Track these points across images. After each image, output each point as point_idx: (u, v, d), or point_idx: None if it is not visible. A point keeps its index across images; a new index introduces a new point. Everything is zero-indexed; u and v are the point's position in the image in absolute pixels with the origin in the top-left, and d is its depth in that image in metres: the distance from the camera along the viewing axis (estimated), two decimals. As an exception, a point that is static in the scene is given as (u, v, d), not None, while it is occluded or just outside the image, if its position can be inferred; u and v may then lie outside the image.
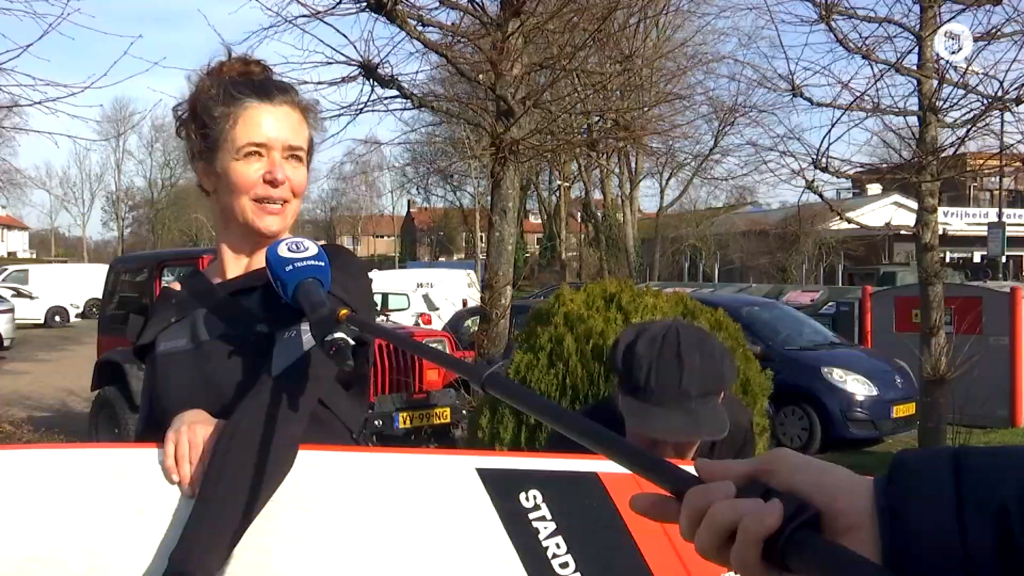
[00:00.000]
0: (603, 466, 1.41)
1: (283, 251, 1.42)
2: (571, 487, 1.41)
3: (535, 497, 1.39)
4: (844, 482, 0.67)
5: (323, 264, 1.42)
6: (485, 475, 1.40)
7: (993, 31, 6.77)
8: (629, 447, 0.75)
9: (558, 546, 1.37)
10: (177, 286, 1.69)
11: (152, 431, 1.48)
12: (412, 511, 1.38)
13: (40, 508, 1.33)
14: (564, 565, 1.36)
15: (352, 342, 1.24)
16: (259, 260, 1.59)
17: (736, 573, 0.65)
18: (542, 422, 0.85)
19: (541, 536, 1.37)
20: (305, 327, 1.44)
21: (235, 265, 1.62)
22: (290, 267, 1.39)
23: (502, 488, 1.40)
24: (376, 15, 7.46)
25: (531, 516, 1.39)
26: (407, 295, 20.73)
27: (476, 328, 9.58)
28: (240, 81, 1.59)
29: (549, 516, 1.39)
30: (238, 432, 1.35)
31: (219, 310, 1.57)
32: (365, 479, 1.41)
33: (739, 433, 1.98)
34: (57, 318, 29.25)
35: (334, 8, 7.59)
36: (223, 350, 1.51)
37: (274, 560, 1.35)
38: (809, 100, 7.27)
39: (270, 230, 1.57)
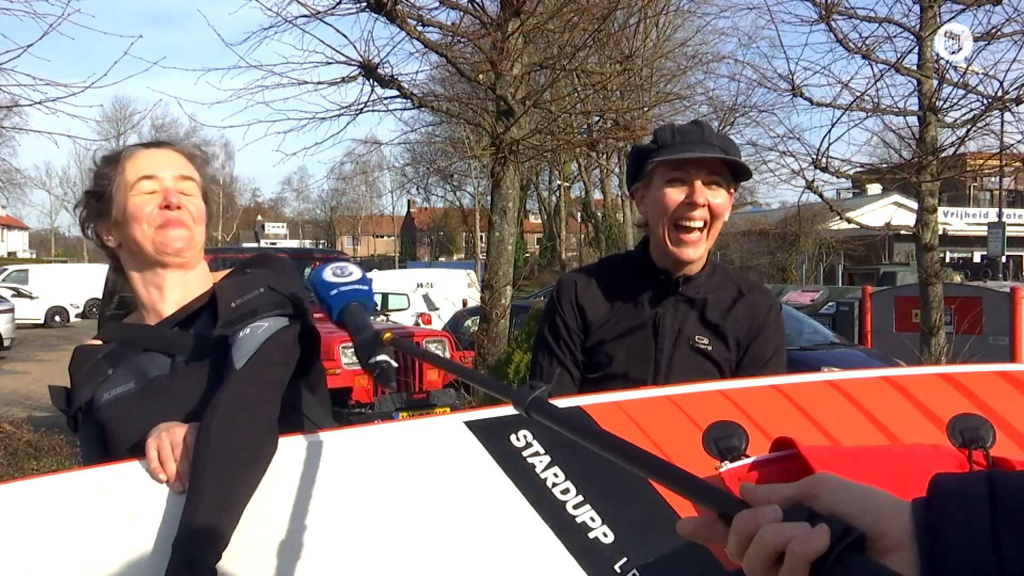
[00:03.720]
0: (585, 400, 1.49)
1: (328, 276, 1.48)
2: None
3: (525, 436, 1.45)
4: (886, 504, 0.70)
5: (367, 288, 1.48)
6: (474, 426, 1.46)
7: (993, 31, 6.77)
8: (679, 472, 0.77)
9: (556, 475, 1.42)
10: (96, 342, 1.73)
11: None
12: (413, 471, 1.43)
13: (33, 536, 1.33)
14: (565, 491, 1.41)
15: (395, 365, 1.29)
16: (191, 292, 1.66)
17: None
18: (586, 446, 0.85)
19: (538, 470, 1.43)
20: (259, 322, 1.53)
21: (171, 304, 1.67)
22: (335, 291, 1.46)
23: (492, 434, 1.45)
24: (376, 15, 7.46)
25: (524, 454, 1.44)
26: (407, 295, 20.70)
27: (476, 328, 9.58)
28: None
29: (542, 451, 1.44)
30: (214, 422, 1.39)
31: (172, 343, 1.62)
32: (362, 453, 1.44)
33: (759, 312, 1.97)
34: (57, 318, 29.25)
35: (334, 8, 7.60)
36: (193, 374, 1.56)
37: (276, 536, 1.37)
38: (809, 100, 7.27)
39: (174, 245, 1.62)
